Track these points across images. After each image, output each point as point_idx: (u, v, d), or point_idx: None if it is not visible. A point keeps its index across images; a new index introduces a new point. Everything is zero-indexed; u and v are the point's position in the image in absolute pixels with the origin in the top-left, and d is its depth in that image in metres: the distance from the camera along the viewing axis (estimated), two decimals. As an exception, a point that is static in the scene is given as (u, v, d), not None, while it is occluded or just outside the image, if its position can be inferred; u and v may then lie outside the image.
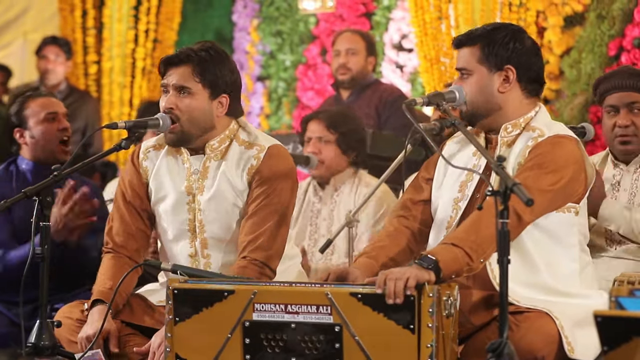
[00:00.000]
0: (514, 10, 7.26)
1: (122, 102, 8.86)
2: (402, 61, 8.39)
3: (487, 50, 3.70)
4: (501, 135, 3.72)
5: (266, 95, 9.10)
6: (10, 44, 9.26)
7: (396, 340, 3.28)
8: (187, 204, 4.02)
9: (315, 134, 5.58)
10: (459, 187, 3.74)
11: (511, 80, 3.71)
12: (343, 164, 5.60)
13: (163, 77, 4.01)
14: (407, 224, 3.85)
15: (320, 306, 3.34)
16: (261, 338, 3.39)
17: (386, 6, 8.50)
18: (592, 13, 6.95)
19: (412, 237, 3.83)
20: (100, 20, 8.95)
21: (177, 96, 3.97)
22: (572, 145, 3.65)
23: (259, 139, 4.07)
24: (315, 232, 5.64)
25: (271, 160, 4.00)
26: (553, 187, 3.55)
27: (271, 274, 3.92)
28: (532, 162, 3.58)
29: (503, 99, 3.72)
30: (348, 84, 6.96)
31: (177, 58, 3.99)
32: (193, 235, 4.04)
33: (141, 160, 4.12)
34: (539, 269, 3.59)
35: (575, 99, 6.92)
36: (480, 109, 3.70)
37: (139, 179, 4.11)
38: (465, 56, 3.74)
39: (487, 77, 3.71)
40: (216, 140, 4.03)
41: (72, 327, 3.93)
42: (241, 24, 9.26)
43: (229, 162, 4.02)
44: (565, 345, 3.45)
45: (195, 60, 3.97)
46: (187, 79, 3.97)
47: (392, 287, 3.27)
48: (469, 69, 3.72)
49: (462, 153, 3.80)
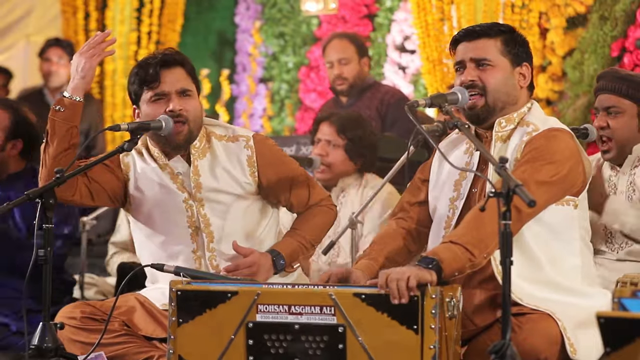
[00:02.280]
0: (516, 12, 7.26)
1: (124, 104, 8.87)
2: (405, 63, 8.39)
3: (510, 44, 3.71)
4: (495, 130, 3.71)
5: (269, 97, 9.10)
6: (13, 46, 9.27)
7: (400, 340, 3.28)
8: (183, 201, 4.06)
9: (326, 136, 5.57)
10: (454, 186, 3.75)
11: (527, 77, 3.73)
12: (349, 169, 5.59)
13: (156, 83, 4.00)
14: (404, 225, 3.86)
15: (324, 307, 3.34)
16: (265, 339, 3.39)
17: (388, 8, 8.50)
18: (595, 14, 6.95)
19: (409, 238, 3.85)
20: (102, 22, 8.96)
21: (180, 98, 4.01)
22: (567, 138, 3.65)
23: (237, 130, 4.17)
24: None
25: (263, 145, 4.14)
26: (551, 178, 3.55)
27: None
28: (528, 155, 3.59)
29: (520, 94, 3.74)
30: (347, 92, 6.94)
31: (171, 59, 4.03)
32: (195, 231, 4.07)
33: (122, 156, 4.13)
34: (542, 265, 3.59)
35: (577, 100, 6.93)
36: (500, 101, 3.69)
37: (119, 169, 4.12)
38: (484, 47, 3.71)
39: (510, 70, 3.72)
40: (197, 140, 4.08)
41: (74, 327, 3.95)
42: (244, 26, 9.27)
43: (220, 159, 4.09)
44: (567, 346, 3.45)
45: (185, 63, 4.06)
46: (187, 81, 4.04)
47: (395, 287, 3.27)
48: (490, 60, 3.70)
49: (454, 152, 3.81)
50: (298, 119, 8.91)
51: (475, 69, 3.70)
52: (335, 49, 6.99)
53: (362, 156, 5.54)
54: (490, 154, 3.48)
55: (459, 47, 3.76)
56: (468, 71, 3.71)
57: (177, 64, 4.03)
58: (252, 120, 9.16)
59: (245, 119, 9.17)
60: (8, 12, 9.22)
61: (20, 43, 9.26)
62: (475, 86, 3.69)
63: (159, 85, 4.00)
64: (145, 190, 4.11)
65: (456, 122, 3.55)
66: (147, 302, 4.09)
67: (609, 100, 4.34)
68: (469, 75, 3.70)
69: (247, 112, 9.18)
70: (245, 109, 9.18)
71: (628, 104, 4.31)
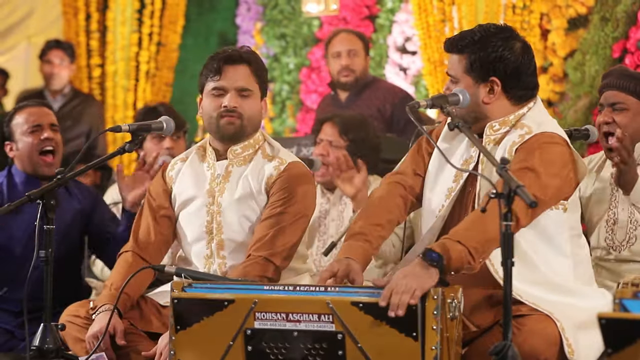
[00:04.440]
0: (517, 13, 7.26)
1: (125, 105, 8.87)
2: (406, 64, 8.39)
3: (473, 61, 3.69)
4: (486, 134, 3.72)
5: (270, 98, 9.11)
6: (14, 47, 9.27)
7: (399, 347, 3.28)
8: (206, 206, 4.08)
9: (328, 137, 5.56)
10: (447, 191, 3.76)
11: (496, 92, 3.71)
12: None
13: (218, 77, 4.04)
14: (402, 193, 3.84)
15: (322, 315, 3.34)
16: (263, 346, 3.39)
17: (390, 9, 8.50)
18: (596, 15, 6.95)
19: (403, 208, 3.83)
20: (104, 23, 8.96)
21: (238, 96, 4.04)
22: (559, 148, 3.63)
23: (281, 153, 4.13)
24: (324, 233, 5.64)
25: (289, 171, 4.06)
26: (544, 196, 3.53)
27: (274, 272, 3.94)
28: (519, 164, 3.56)
29: (488, 109, 3.72)
30: (350, 85, 6.90)
31: (237, 56, 4.06)
32: (210, 237, 4.08)
33: (168, 171, 4.21)
34: (537, 266, 3.59)
35: (579, 101, 6.92)
36: (465, 117, 3.70)
37: (164, 188, 4.18)
38: (453, 63, 3.75)
39: (473, 87, 3.70)
40: (239, 147, 4.09)
41: (79, 326, 3.95)
42: (245, 27, 9.28)
43: (250, 169, 4.08)
44: (565, 347, 3.45)
45: (253, 62, 4.08)
46: (249, 80, 4.06)
47: (397, 301, 3.28)
48: (456, 77, 3.74)
49: (450, 152, 3.80)
50: (299, 120, 8.91)
51: (450, 83, 3.77)
52: (344, 41, 6.95)
53: (364, 157, 5.53)
54: (490, 154, 3.48)
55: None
56: (447, 83, 3.78)
57: (242, 62, 4.06)
58: (253, 121, 9.16)
59: (246, 120, 9.17)
60: (9, 14, 9.22)
61: (21, 44, 9.26)
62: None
63: (220, 79, 4.04)
64: (183, 189, 4.14)
65: (457, 123, 3.55)
66: (150, 300, 4.11)
67: (616, 96, 4.35)
68: (447, 88, 3.76)
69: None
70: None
71: (634, 101, 4.32)
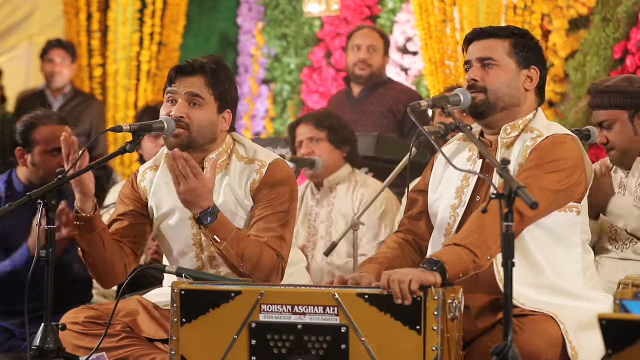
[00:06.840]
0: (518, 14, 7.26)
1: (127, 105, 8.87)
2: (407, 64, 8.40)
3: (517, 44, 3.73)
4: (501, 137, 3.72)
5: (271, 99, 9.11)
6: (15, 47, 9.26)
7: (402, 341, 3.28)
8: (190, 218, 3.99)
9: (306, 135, 5.59)
10: (455, 193, 3.74)
11: (534, 82, 3.74)
12: (339, 160, 5.61)
13: (172, 84, 4.01)
14: (406, 237, 3.87)
15: (327, 307, 3.35)
16: (268, 339, 3.40)
17: (391, 9, 8.51)
18: (597, 16, 6.95)
19: (413, 249, 3.85)
20: (105, 23, 8.96)
21: (187, 105, 3.97)
22: (572, 145, 3.66)
23: (258, 153, 4.07)
24: (314, 235, 5.65)
25: (272, 172, 4.01)
26: (555, 186, 3.56)
27: (283, 271, 3.94)
28: (533, 162, 3.59)
29: (525, 97, 3.74)
30: (365, 79, 6.96)
31: (191, 67, 3.99)
32: (199, 249, 4.04)
33: (139, 181, 4.14)
34: (544, 269, 3.59)
35: (580, 102, 6.92)
36: (502, 100, 3.70)
37: (137, 197, 4.12)
38: (492, 47, 3.73)
39: (515, 71, 3.73)
40: (214, 154, 4.03)
41: (77, 333, 3.94)
42: (246, 27, 9.28)
43: (231, 176, 4.03)
44: (569, 349, 3.45)
45: (209, 72, 3.98)
46: (201, 89, 3.97)
47: (397, 288, 3.27)
48: (496, 60, 3.72)
49: (456, 160, 3.80)
50: (300, 121, 8.90)
51: (480, 69, 3.73)
52: (366, 36, 7.06)
53: (347, 142, 5.58)
54: (492, 156, 3.48)
55: (470, 46, 3.79)
56: (473, 70, 3.74)
57: (196, 73, 3.97)
58: (254, 121, 9.17)
59: (247, 120, 9.17)
60: (10, 14, 9.22)
61: (22, 44, 9.25)
62: (476, 86, 3.71)
63: (172, 86, 3.99)
64: (160, 202, 4.08)
65: (458, 124, 3.55)
66: (149, 304, 4.08)
67: (599, 115, 4.43)
68: (473, 74, 3.73)
69: (249, 114, 9.18)
70: (248, 111, 9.18)
71: (617, 113, 4.37)
